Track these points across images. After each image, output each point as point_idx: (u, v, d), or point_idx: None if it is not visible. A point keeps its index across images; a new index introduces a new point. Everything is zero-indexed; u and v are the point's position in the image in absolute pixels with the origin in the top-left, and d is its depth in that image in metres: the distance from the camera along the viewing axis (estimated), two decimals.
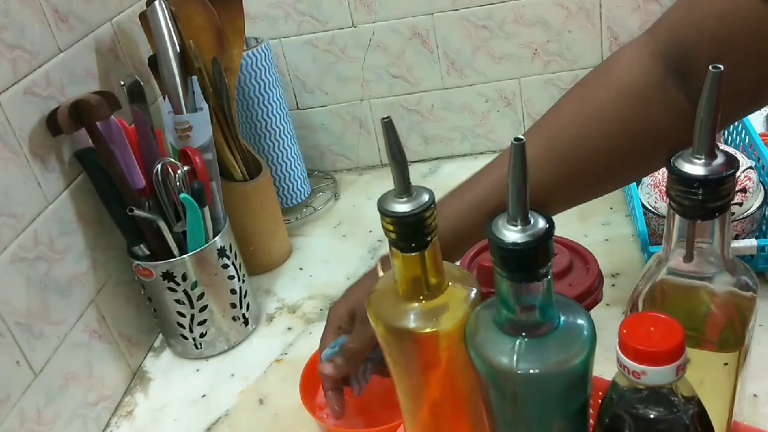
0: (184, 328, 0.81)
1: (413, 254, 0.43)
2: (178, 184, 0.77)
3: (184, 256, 0.77)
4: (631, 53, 0.59)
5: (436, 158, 1.15)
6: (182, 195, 0.76)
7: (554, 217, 0.37)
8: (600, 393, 0.48)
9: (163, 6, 0.82)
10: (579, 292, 0.50)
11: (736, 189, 0.73)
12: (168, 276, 0.77)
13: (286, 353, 0.82)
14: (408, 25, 1.04)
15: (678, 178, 0.40)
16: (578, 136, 0.61)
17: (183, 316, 0.80)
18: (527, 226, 0.36)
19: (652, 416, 0.38)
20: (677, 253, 0.43)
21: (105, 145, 0.74)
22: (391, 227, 0.42)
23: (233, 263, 0.82)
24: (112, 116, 0.74)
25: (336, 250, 0.99)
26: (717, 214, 0.41)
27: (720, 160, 0.39)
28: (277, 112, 1.01)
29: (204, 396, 0.78)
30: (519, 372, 0.38)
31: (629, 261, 0.83)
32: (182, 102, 0.83)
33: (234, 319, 0.83)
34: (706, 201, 0.40)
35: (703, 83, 0.47)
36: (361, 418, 0.68)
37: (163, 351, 0.87)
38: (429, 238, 0.42)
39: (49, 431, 0.68)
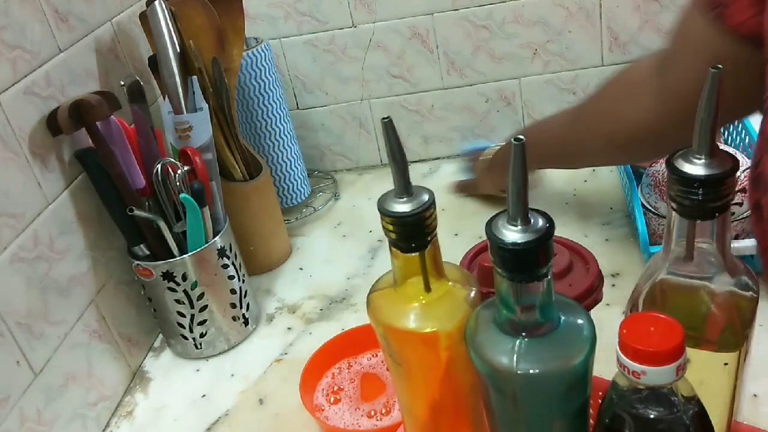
0: (184, 328, 0.81)
1: (413, 254, 0.43)
2: (178, 184, 0.77)
3: (184, 256, 0.77)
4: (654, 53, 0.70)
5: (436, 158, 1.15)
6: (182, 195, 0.76)
7: (554, 218, 0.38)
8: (600, 393, 0.48)
9: (163, 6, 0.82)
10: (579, 292, 0.50)
11: (736, 189, 0.73)
12: (168, 276, 0.77)
13: (286, 353, 0.82)
14: (408, 25, 1.04)
15: (678, 178, 0.40)
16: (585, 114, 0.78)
17: (183, 316, 0.80)
18: (527, 226, 0.37)
19: (652, 416, 0.38)
20: (677, 253, 0.43)
21: (105, 145, 0.74)
22: (391, 227, 0.42)
23: (233, 263, 0.82)
24: (112, 116, 0.74)
25: (336, 250, 0.99)
26: (717, 214, 0.41)
27: (720, 160, 0.39)
28: (277, 112, 1.01)
29: (204, 396, 0.78)
30: (519, 372, 0.38)
31: (629, 261, 0.83)
32: (182, 102, 0.83)
33: (234, 319, 0.83)
34: (706, 201, 0.40)
35: (671, 84, 0.64)
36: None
37: (163, 351, 0.87)
38: (429, 238, 0.42)
39: (49, 431, 0.68)
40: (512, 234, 0.36)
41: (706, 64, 0.58)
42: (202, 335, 0.82)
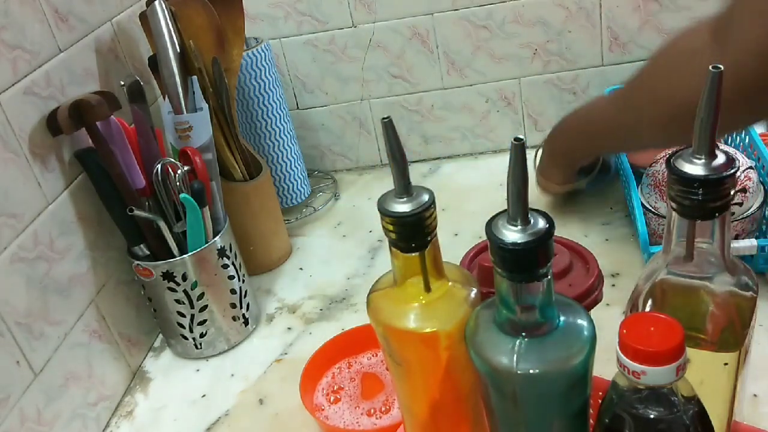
0: (184, 328, 0.81)
1: (413, 254, 0.43)
2: (178, 184, 0.77)
3: (184, 256, 0.77)
4: (704, 21, 0.66)
5: (436, 158, 1.15)
6: (182, 195, 0.76)
7: (554, 218, 0.38)
8: (600, 393, 0.48)
9: (163, 6, 0.82)
10: (579, 292, 0.50)
11: (736, 189, 0.73)
12: (168, 276, 0.77)
13: (286, 353, 0.82)
14: (408, 25, 1.04)
15: (678, 178, 0.40)
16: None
17: (183, 316, 0.80)
18: (527, 226, 0.37)
19: (652, 416, 0.38)
20: (677, 253, 0.43)
21: (105, 145, 0.74)
22: (391, 227, 0.42)
23: (233, 263, 0.82)
24: (112, 116, 0.74)
25: (336, 250, 0.99)
26: (717, 214, 0.41)
27: (720, 160, 0.39)
28: (277, 112, 1.01)
29: (204, 396, 0.78)
30: (519, 372, 0.38)
31: (629, 261, 0.83)
32: (182, 102, 0.83)
33: (234, 319, 0.83)
34: (706, 201, 0.40)
35: (731, 51, 0.58)
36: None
37: (163, 351, 0.87)
38: (429, 238, 0.42)
39: (49, 431, 0.68)
40: (512, 234, 0.36)
41: None
42: (202, 335, 0.82)
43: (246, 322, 0.85)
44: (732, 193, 0.40)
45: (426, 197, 0.41)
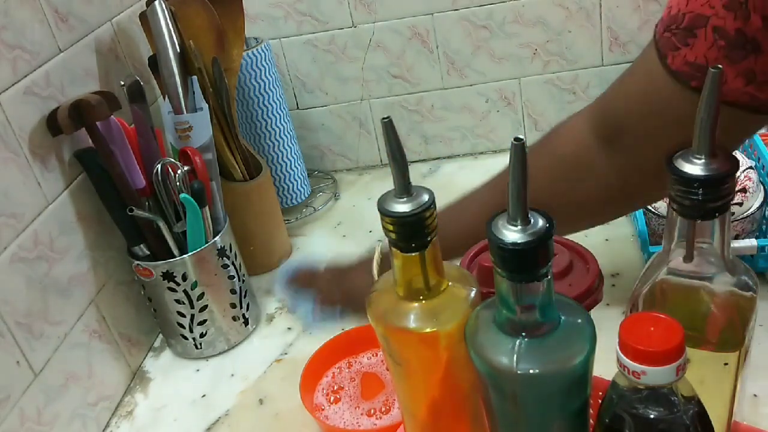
0: (184, 328, 0.81)
1: (413, 254, 0.43)
2: (178, 184, 0.77)
3: (184, 256, 0.77)
4: (572, 125, 0.64)
5: (436, 158, 1.15)
6: (182, 195, 0.76)
7: (554, 218, 0.37)
8: (600, 393, 0.48)
9: (163, 6, 0.82)
10: (579, 292, 0.50)
11: (736, 189, 0.73)
12: (168, 276, 0.77)
13: (286, 353, 0.82)
14: (408, 25, 1.04)
15: (678, 178, 0.40)
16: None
17: (183, 316, 0.80)
18: (527, 226, 0.36)
19: (652, 416, 0.38)
20: (677, 253, 0.43)
21: (105, 145, 0.74)
22: (391, 227, 0.42)
23: (233, 263, 0.82)
24: (112, 116, 0.74)
25: (336, 250, 0.99)
26: (717, 214, 0.41)
27: (720, 160, 0.39)
28: (277, 112, 1.01)
29: (204, 396, 0.78)
30: (519, 372, 0.38)
31: (629, 261, 0.83)
32: (182, 102, 0.83)
33: (234, 319, 0.83)
34: (706, 201, 0.40)
35: (628, 157, 0.59)
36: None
37: (163, 351, 0.87)
38: (429, 238, 0.42)
39: (49, 431, 0.68)
40: (512, 234, 0.36)
41: (676, 128, 0.53)
42: (202, 335, 0.82)
43: (246, 322, 0.85)
44: (732, 193, 0.40)
45: (426, 197, 0.41)
